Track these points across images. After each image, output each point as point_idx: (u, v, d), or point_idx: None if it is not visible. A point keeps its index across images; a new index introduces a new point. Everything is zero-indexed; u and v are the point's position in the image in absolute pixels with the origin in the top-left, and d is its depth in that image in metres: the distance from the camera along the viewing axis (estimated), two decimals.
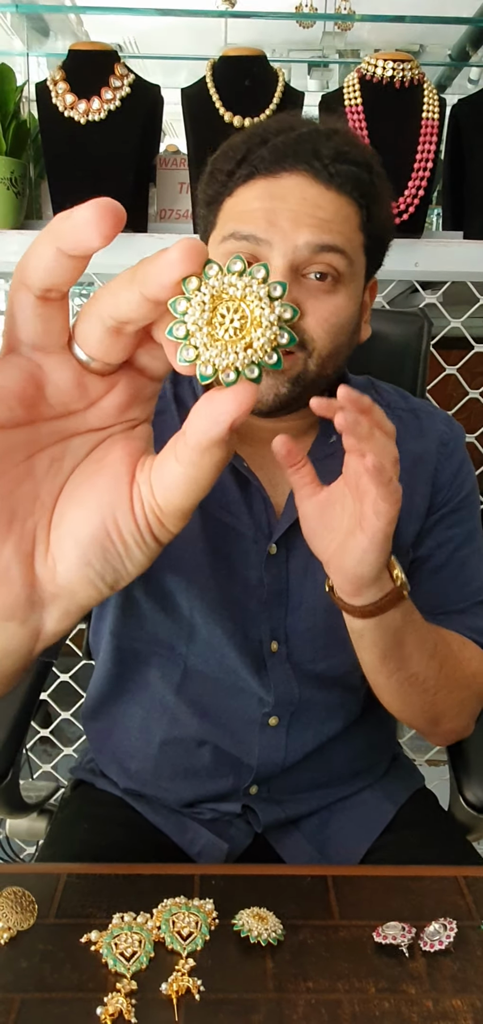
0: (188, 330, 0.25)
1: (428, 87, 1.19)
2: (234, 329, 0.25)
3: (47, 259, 0.24)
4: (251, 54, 1.22)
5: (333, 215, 0.62)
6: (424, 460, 0.74)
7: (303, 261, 0.62)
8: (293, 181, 0.62)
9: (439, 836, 0.76)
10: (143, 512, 0.28)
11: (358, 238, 0.65)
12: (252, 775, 0.73)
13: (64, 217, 0.24)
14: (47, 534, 0.28)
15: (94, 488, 0.28)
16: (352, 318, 0.66)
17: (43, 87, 1.20)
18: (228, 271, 0.25)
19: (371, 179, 0.65)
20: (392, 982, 0.50)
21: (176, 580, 0.70)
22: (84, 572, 0.28)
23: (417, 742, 1.54)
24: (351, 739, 0.77)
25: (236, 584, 0.70)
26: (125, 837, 0.72)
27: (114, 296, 0.25)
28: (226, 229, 0.64)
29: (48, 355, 0.27)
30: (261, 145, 0.63)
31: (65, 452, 0.28)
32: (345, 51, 2.20)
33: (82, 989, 0.48)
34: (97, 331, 0.26)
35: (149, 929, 0.52)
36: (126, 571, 0.29)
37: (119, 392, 0.28)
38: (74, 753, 1.46)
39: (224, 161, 0.66)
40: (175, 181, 1.33)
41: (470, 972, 0.51)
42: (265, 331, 0.25)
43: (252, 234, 0.62)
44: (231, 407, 0.25)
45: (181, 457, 0.26)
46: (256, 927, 0.52)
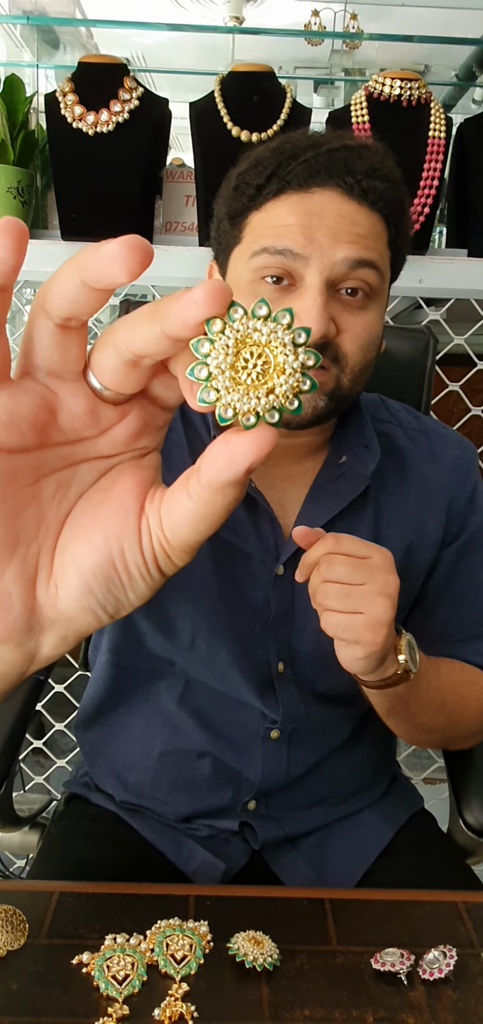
0: (210, 372, 0.24)
1: (435, 106, 1.19)
2: (257, 374, 0.25)
3: (70, 289, 0.24)
4: (260, 70, 1.23)
5: (368, 231, 0.62)
6: (437, 489, 0.74)
7: (340, 277, 0.61)
8: (327, 197, 0.61)
9: (438, 860, 0.75)
10: (150, 545, 0.27)
11: (387, 254, 0.65)
12: (253, 790, 0.73)
13: (91, 250, 0.24)
14: (51, 560, 0.28)
15: (101, 518, 0.27)
16: (379, 333, 0.67)
17: (52, 98, 1.21)
18: (253, 315, 0.25)
19: (399, 196, 0.65)
20: (391, 1011, 0.48)
21: (181, 603, 0.69)
22: (85, 601, 0.27)
23: (414, 760, 1.52)
24: (351, 753, 0.77)
25: (241, 606, 0.70)
26: (119, 854, 0.71)
27: (132, 330, 0.24)
28: (258, 244, 0.63)
29: (63, 382, 0.26)
30: (291, 159, 0.62)
31: (73, 478, 0.28)
32: (352, 70, 2.22)
33: (73, 1013, 0.47)
34: (113, 362, 0.25)
35: (142, 951, 0.51)
36: (128, 601, 0.28)
37: (131, 421, 0.27)
38: (67, 765, 1.45)
39: (253, 175, 0.64)
40: (181, 194, 1.33)
41: (471, 1002, 0.49)
42: (288, 378, 0.25)
43: (289, 249, 0.61)
44: (250, 450, 0.24)
45: (193, 494, 0.26)
46: (251, 951, 0.51)
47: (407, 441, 0.76)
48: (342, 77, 2.25)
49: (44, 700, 1.41)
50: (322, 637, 0.70)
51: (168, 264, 1.22)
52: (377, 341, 0.66)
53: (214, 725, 0.73)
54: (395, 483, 0.73)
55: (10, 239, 0.23)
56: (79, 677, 1.38)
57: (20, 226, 0.23)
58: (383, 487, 0.73)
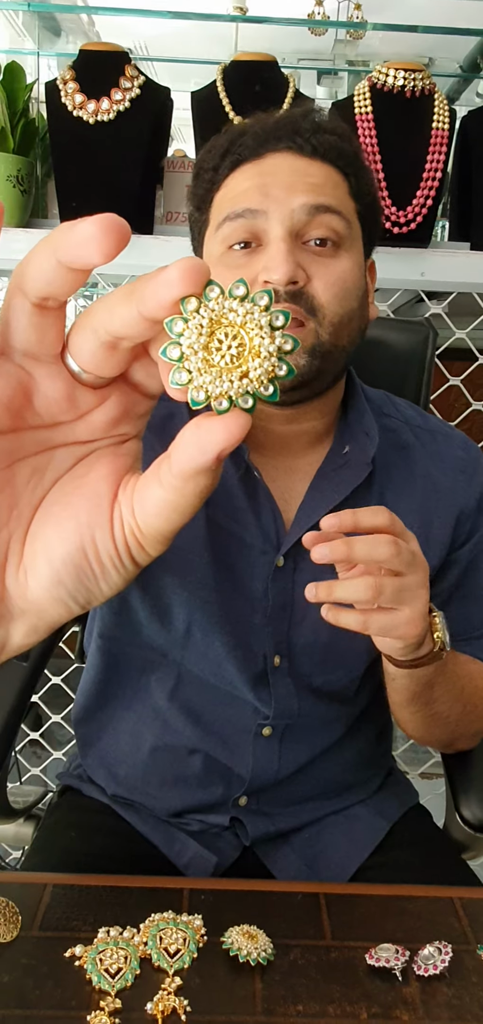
0: (183, 352, 0.24)
1: (439, 97, 1.18)
2: (231, 356, 0.24)
3: (46, 269, 0.23)
4: (262, 59, 1.22)
5: (324, 180, 0.63)
6: (443, 489, 0.74)
7: (301, 225, 0.62)
8: (279, 158, 0.64)
9: (434, 855, 0.75)
10: (123, 534, 0.26)
11: (351, 204, 0.66)
12: (243, 786, 0.72)
13: (66, 228, 0.23)
14: (21, 547, 0.27)
15: (73, 505, 0.26)
16: (358, 283, 0.66)
17: (52, 86, 1.20)
18: (230, 295, 0.24)
19: (352, 149, 0.67)
20: (385, 1007, 0.48)
21: (178, 590, 0.69)
22: (56, 591, 0.27)
23: (411, 755, 1.52)
24: (344, 751, 0.76)
25: (240, 596, 0.69)
26: (112, 846, 0.71)
27: (110, 311, 0.24)
28: (220, 216, 0.64)
29: (40, 364, 0.26)
30: (242, 135, 0.65)
31: (48, 463, 0.27)
32: (355, 61, 2.20)
33: (65, 1006, 0.46)
34: (91, 344, 0.25)
35: (135, 945, 0.50)
36: (100, 592, 0.27)
37: (110, 406, 0.27)
38: (64, 757, 1.45)
39: (208, 159, 0.67)
40: (182, 184, 1.32)
41: (466, 998, 0.49)
42: (263, 361, 0.24)
43: (247, 208, 0.62)
44: (220, 437, 0.23)
45: (164, 482, 0.25)
46: (245, 946, 0.50)
47: (413, 438, 0.75)
48: (345, 68, 2.24)
49: (41, 692, 1.41)
50: (321, 631, 0.70)
51: (169, 254, 1.21)
52: (355, 291, 0.65)
53: (205, 721, 0.72)
54: (401, 479, 0.73)
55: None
56: (76, 669, 1.37)
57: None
58: (389, 481, 0.72)
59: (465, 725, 0.71)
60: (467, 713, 0.70)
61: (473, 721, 0.72)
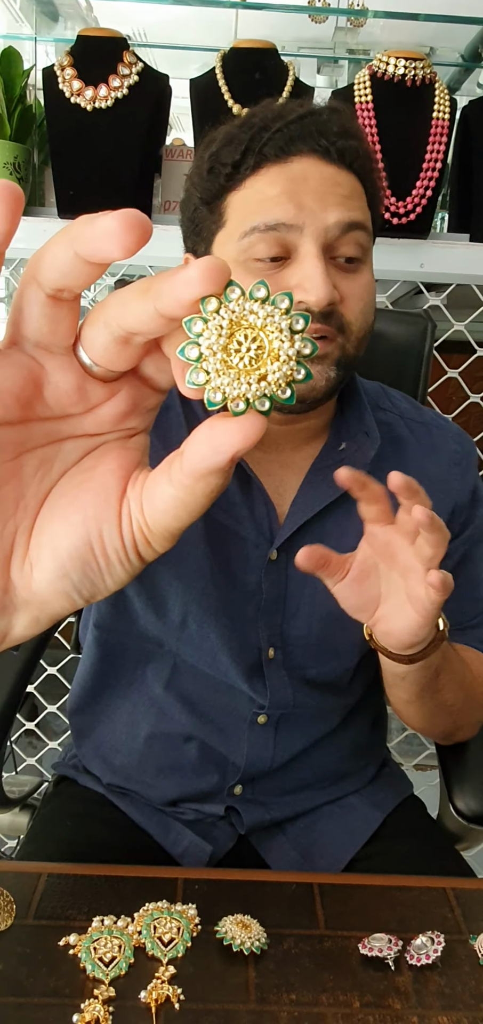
0: (201, 353, 0.23)
1: (439, 86, 1.17)
2: (250, 359, 0.24)
3: (63, 260, 0.23)
4: (262, 46, 1.20)
5: (351, 191, 0.62)
6: (437, 482, 0.74)
7: (333, 241, 0.61)
8: (307, 163, 0.61)
9: (428, 846, 0.75)
10: (130, 530, 0.26)
11: (368, 213, 0.65)
12: (238, 774, 0.73)
13: (86, 221, 0.22)
14: (27, 539, 0.27)
15: (81, 499, 0.26)
16: (375, 294, 0.66)
17: (50, 72, 1.19)
18: (251, 296, 0.24)
19: (369, 153, 0.65)
20: (377, 996, 0.49)
21: (173, 582, 0.69)
22: (60, 584, 0.26)
23: (405, 747, 1.53)
24: (339, 740, 0.76)
25: (234, 588, 0.69)
26: (107, 835, 0.71)
27: (124, 306, 0.23)
28: (246, 223, 0.61)
29: (51, 355, 0.25)
30: (263, 131, 0.61)
31: (56, 455, 0.27)
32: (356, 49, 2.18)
33: (59, 995, 0.47)
34: (103, 338, 0.24)
35: (130, 934, 0.51)
36: (104, 586, 0.27)
37: (120, 400, 0.26)
38: (60, 747, 1.45)
39: (226, 153, 0.62)
40: (180, 172, 1.31)
41: (458, 988, 0.50)
42: (282, 365, 0.24)
43: (280, 222, 0.60)
44: (236, 439, 0.23)
45: (175, 480, 0.25)
46: (239, 935, 0.51)
47: (407, 432, 0.75)
48: (346, 56, 2.21)
49: (37, 682, 1.41)
50: (314, 624, 0.70)
51: (166, 244, 1.20)
52: (374, 304, 0.65)
53: (201, 709, 0.72)
54: None
55: (4, 205, 0.22)
56: (72, 660, 1.38)
57: (15, 190, 0.22)
58: (382, 476, 0.72)
59: (467, 713, 0.72)
60: (468, 700, 0.70)
61: (473, 709, 0.72)
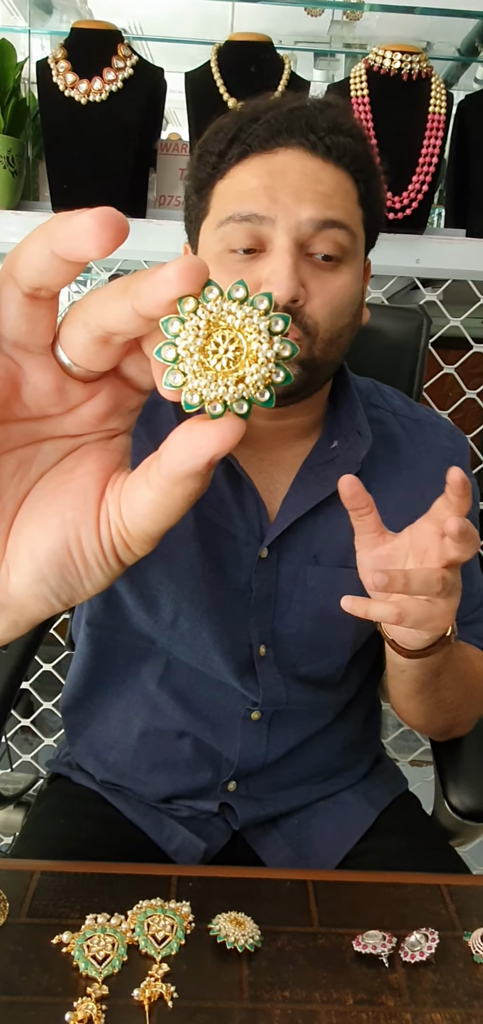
0: (178, 354, 0.23)
1: (436, 81, 1.17)
2: (227, 360, 0.23)
3: (40, 259, 0.23)
4: (258, 40, 1.20)
5: (334, 189, 0.61)
6: (430, 479, 0.73)
7: (307, 238, 0.60)
8: (290, 156, 0.60)
9: (422, 842, 0.75)
10: (109, 534, 0.26)
11: (358, 213, 0.63)
12: (232, 770, 0.73)
13: (62, 219, 0.22)
14: (4, 542, 0.26)
15: (59, 501, 0.26)
16: (355, 297, 0.64)
17: (44, 65, 1.18)
18: (229, 296, 0.23)
19: (366, 152, 0.64)
20: (371, 993, 0.49)
21: (164, 581, 0.69)
22: (38, 588, 0.26)
23: (401, 742, 1.53)
24: (333, 735, 0.76)
25: (225, 587, 0.69)
26: (101, 833, 0.71)
27: (103, 305, 0.23)
28: (224, 213, 0.61)
29: (30, 355, 0.25)
30: (252, 122, 0.61)
31: (35, 456, 0.26)
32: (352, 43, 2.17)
33: (51, 993, 0.46)
34: (82, 338, 0.24)
35: (123, 931, 0.51)
36: (83, 590, 0.27)
37: (100, 401, 0.26)
38: (55, 744, 1.45)
39: (214, 142, 0.63)
40: (176, 167, 1.31)
41: (451, 985, 0.50)
42: (260, 367, 0.23)
43: (253, 213, 0.59)
44: (213, 442, 0.23)
45: (153, 483, 0.24)
46: (233, 933, 0.50)
47: (400, 429, 0.75)
48: (342, 50, 2.21)
49: (32, 679, 1.41)
50: (305, 621, 0.70)
51: (161, 239, 1.20)
52: (350, 307, 0.63)
53: (194, 705, 0.72)
54: (387, 471, 0.72)
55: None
56: (67, 656, 1.37)
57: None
58: (375, 474, 0.72)
59: (465, 710, 0.72)
60: (467, 696, 0.70)
61: (472, 705, 0.72)
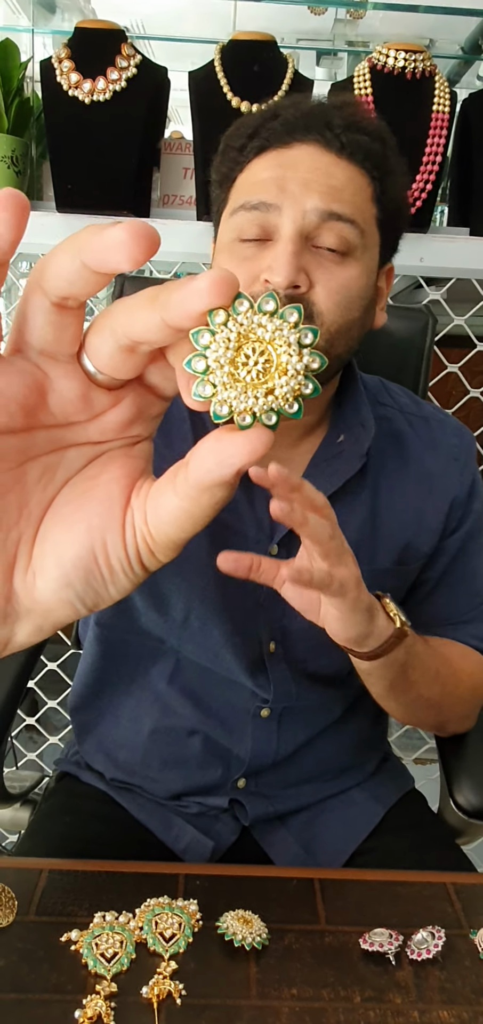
0: (208, 365, 0.23)
1: (439, 79, 1.17)
2: (257, 372, 0.23)
3: (70, 269, 0.23)
4: (261, 39, 1.19)
5: (344, 183, 0.61)
6: (436, 476, 0.74)
7: (312, 228, 0.60)
8: (304, 151, 0.61)
9: (428, 840, 0.76)
10: (134, 539, 0.26)
11: (371, 210, 0.63)
12: (242, 767, 0.73)
13: (94, 232, 0.22)
14: (31, 548, 0.26)
15: (85, 508, 0.26)
16: (364, 292, 0.64)
17: (47, 65, 1.18)
18: (259, 309, 0.23)
19: (384, 151, 0.64)
20: (378, 991, 0.49)
21: (175, 580, 0.69)
22: (64, 593, 0.26)
23: (405, 740, 1.53)
24: (342, 732, 0.77)
25: (235, 584, 0.69)
26: (108, 832, 0.71)
27: (131, 315, 0.23)
28: (236, 202, 0.63)
29: (56, 363, 0.25)
30: (273, 119, 0.63)
31: (60, 463, 0.27)
32: (355, 41, 2.17)
33: (60, 990, 0.47)
34: (108, 346, 0.24)
35: (131, 929, 0.51)
36: (108, 595, 0.27)
37: (124, 408, 0.26)
38: (60, 742, 1.45)
39: (236, 137, 0.65)
40: (179, 166, 1.31)
41: (458, 983, 0.50)
42: (290, 379, 0.23)
43: (262, 201, 0.61)
44: (242, 452, 0.23)
45: (180, 491, 0.25)
46: (241, 931, 0.51)
47: (407, 426, 0.75)
48: (345, 48, 2.20)
49: (37, 678, 1.41)
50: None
51: (165, 238, 1.20)
52: (359, 300, 0.63)
53: (204, 703, 0.73)
54: (395, 467, 0.73)
55: (9, 213, 0.22)
56: (72, 655, 1.38)
57: (20, 199, 0.22)
58: (382, 470, 0.72)
59: (449, 708, 0.72)
60: (447, 695, 0.70)
61: (455, 703, 0.72)
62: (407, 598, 0.76)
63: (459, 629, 0.74)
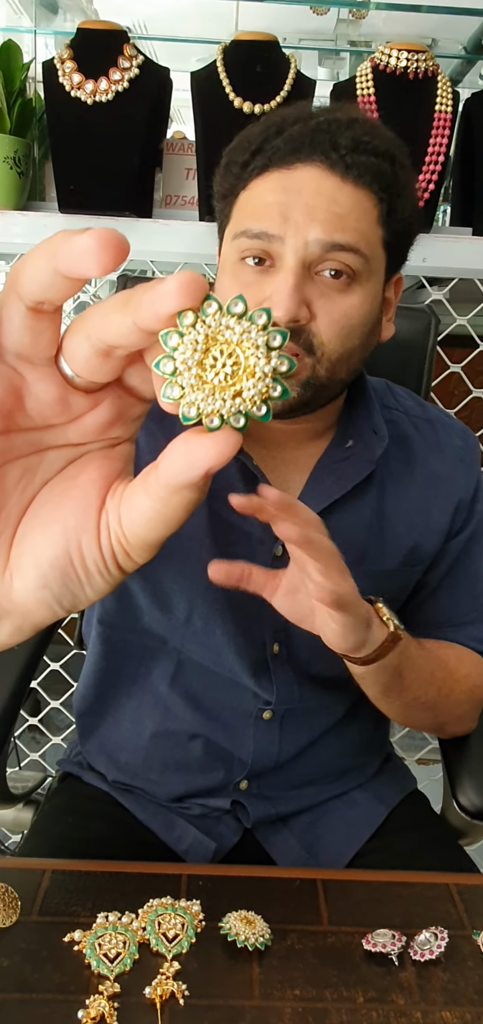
0: (176, 367, 0.23)
1: (442, 79, 1.17)
2: (225, 375, 0.23)
3: (43, 274, 0.23)
4: (263, 39, 1.19)
5: (349, 210, 0.60)
6: (442, 479, 0.74)
7: (315, 259, 0.59)
8: (308, 173, 0.60)
9: (431, 841, 0.76)
10: (109, 540, 0.26)
11: (376, 233, 0.62)
12: (245, 770, 0.73)
13: (65, 238, 0.23)
14: (8, 549, 0.27)
15: (61, 509, 0.26)
16: (366, 318, 0.63)
17: (50, 65, 1.18)
18: (228, 311, 0.23)
19: (393, 170, 0.62)
20: (381, 992, 0.49)
21: (178, 579, 0.69)
22: (41, 594, 0.26)
23: (408, 740, 1.53)
24: (344, 734, 0.77)
25: None
26: (110, 833, 0.71)
27: (104, 318, 0.23)
28: (239, 226, 0.62)
29: (33, 366, 0.25)
30: (277, 135, 0.61)
31: (39, 465, 0.27)
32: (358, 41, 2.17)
33: (64, 991, 0.47)
34: (85, 350, 0.24)
35: (134, 930, 0.51)
36: (85, 596, 0.27)
37: (103, 410, 0.26)
38: (63, 743, 1.46)
39: (239, 152, 0.63)
40: (182, 167, 1.31)
41: (461, 983, 0.50)
42: (257, 382, 0.23)
43: (264, 231, 0.60)
44: (209, 455, 0.23)
45: (151, 492, 0.25)
46: (243, 931, 0.51)
47: (412, 429, 0.75)
48: (348, 48, 2.20)
49: (40, 678, 1.41)
50: None
51: (167, 239, 1.20)
52: (361, 328, 0.63)
53: (206, 706, 0.73)
54: (400, 470, 0.73)
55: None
56: (75, 655, 1.38)
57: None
58: (389, 473, 0.72)
59: (445, 710, 0.72)
60: (443, 697, 0.70)
61: (452, 706, 0.72)
62: (408, 599, 0.76)
63: (459, 631, 0.74)
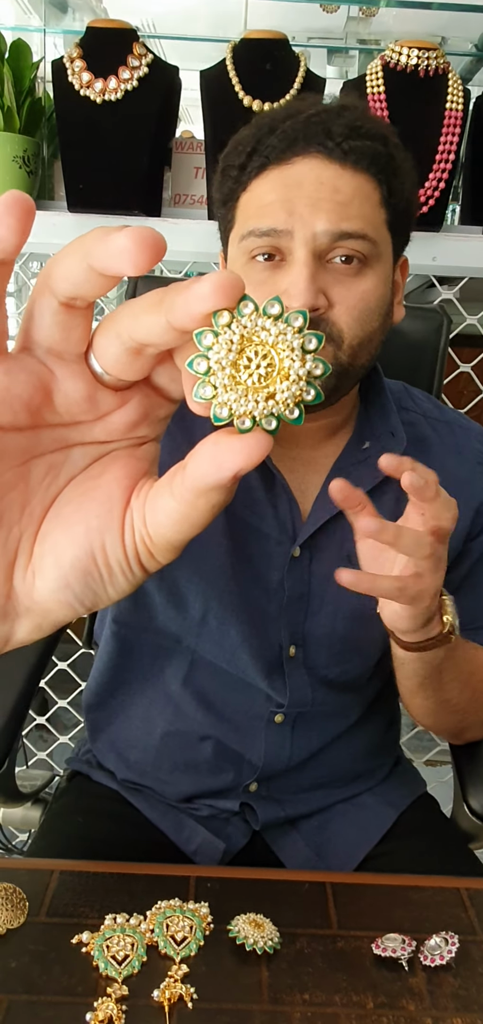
0: (210, 367, 0.23)
1: (453, 77, 1.16)
2: (259, 376, 0.23)
3: (76, 272, 0.23)
4: (273, 37, 1.19)
5: (351, 197, 0.60)
6: (462, 481, 0.73)
7: (324, 249, 0.60)
8: (307, 165, 0.60)
9: (441, 845, 0.75)
10: (133, 541, 0.26)
11: (380, 215, 0.62)
12: (255, 773, 0.73)
13: (100, 237, 0.22)
14: (31, 546, 0.26)
15: (84, 508, 0.26)
16: (382, 300, 0.63)
17: (59, 64, 1.18)
18: (264, 312, 0.23)
19: (387, 151, 0.62)
20: (391, 997, 0.48)
21: (194, 578, 0.69)
22: (62, 593, 0.26)
23: (416, 742, 1.53)
24: (355, 738, 0.76)
25: (256, 585, 0.69)
26: (119, 832, 0.71)
27: (136, 317, 0.23)
28: (245, 227, 0.62)
29: (63, 362, 0.25)
30: (270, 134, 0.61)
31: (64, 462, 0.26)
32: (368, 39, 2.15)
33: (71, 993, 0.47)
34: (115, 348, 0.24)
35: (142, 932, 0.51)
36: (107, 596, 0.27)
37: (131, 409, 0.26)
38: (70, 742, 1.46)
39: (234, 156, 0.63)
40: (191, 165, 1.30)
41: (472, 990, 0.49)
42: (291, 384, 0.23)
43: (272, 228, 0.60)
44: (239, 457, 0.23)
45: (177, 493, 0.24)
46: (252, 934, 0.50)
47: (430, 431, 0.75)
48: (357, 46, 2.19)
49: (47, 677, 1.41)
50: (337, 622, 0.70)
51: (176, 238, 1.20)
52: (378, 310, 0.63)
53: (217, 708, 0.72)
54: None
55: (13, 218, 0.22)
56: (83, 655, 1.38)
57: (26, 202, 0.22)
58: None
59: (472, 713, 0.71)
60: (475, 699, 0.70)
61: (479, 709, 0.72)
62: None
63: (479, 633, 0.73)
